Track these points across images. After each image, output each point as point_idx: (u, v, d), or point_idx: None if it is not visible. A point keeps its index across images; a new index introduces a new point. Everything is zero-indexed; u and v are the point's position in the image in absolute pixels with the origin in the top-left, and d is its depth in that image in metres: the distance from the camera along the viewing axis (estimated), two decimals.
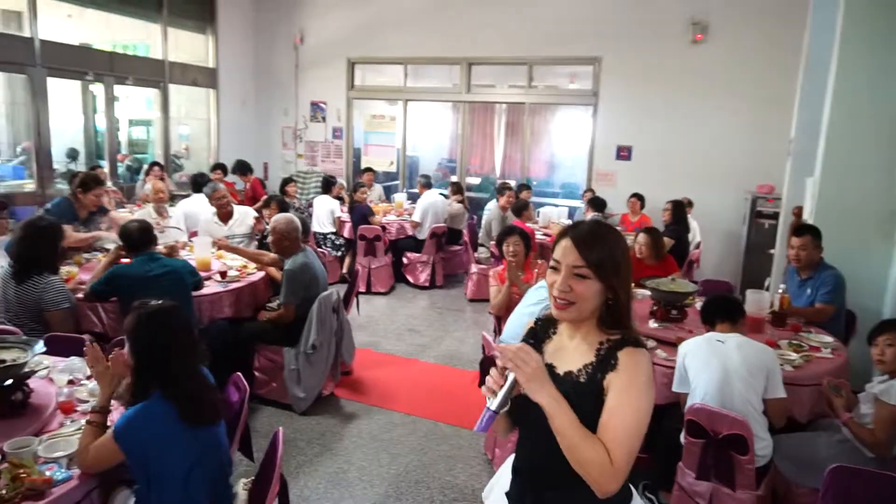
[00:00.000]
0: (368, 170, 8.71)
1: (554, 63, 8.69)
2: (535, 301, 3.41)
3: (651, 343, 3.43)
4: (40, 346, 2.46)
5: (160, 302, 2.22)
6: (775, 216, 6.51)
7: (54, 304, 3.29)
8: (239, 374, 2.70)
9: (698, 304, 3.59)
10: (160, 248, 4.03)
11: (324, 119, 9.85)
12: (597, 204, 6.82)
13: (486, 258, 7.00)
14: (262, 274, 4.61)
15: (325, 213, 7.45)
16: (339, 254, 7.47)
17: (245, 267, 4.66)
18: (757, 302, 3.69)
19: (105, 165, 7.83)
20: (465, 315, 6.56)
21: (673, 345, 3.24)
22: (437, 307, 6.79)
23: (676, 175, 7.80)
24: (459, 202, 7.99)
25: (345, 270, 7.43)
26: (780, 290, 3.97)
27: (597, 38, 8.02)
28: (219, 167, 8.02)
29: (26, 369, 2.39)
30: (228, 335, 4.06)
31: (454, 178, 9.44)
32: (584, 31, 8.07)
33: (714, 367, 2.75)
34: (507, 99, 9.85)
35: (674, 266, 4.79)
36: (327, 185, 7.79)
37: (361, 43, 9.33)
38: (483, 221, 7.45)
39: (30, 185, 7.22)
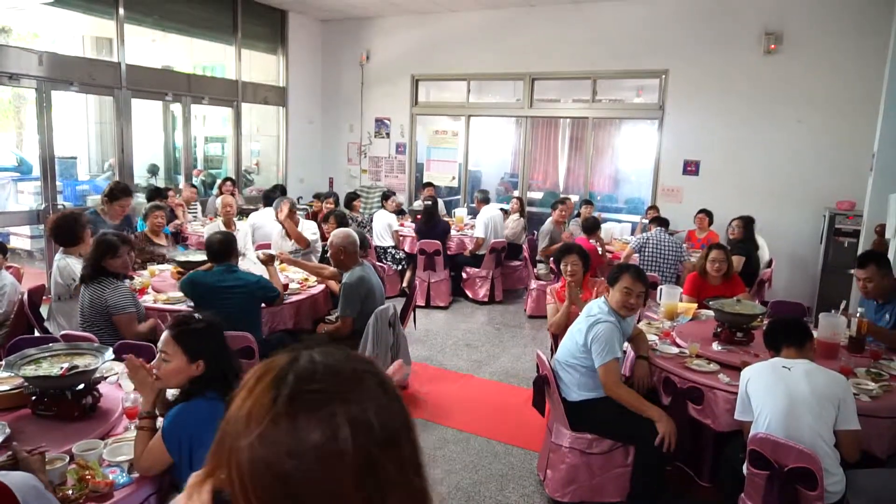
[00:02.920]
0: (429, 184, 8.80)
1: (619, 77, 8.53)
2: (583, 317, 3.34)
3: (714, 366, 3.29)
4: (110, 353, 2.61)
5: (203, 315, 2.36)
6: (856, 234, 6.16)
7: (119, 307, 3.49)
8: None
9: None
10: (260, 254, 4.37)
11: (387, 135, 10.03)
12: (660, 221, 6.56)
13: (545, 274, 6.91)
14: (322, 287, 4.73)
15: (384, 227, 7.57)
16: (400, 267, 7.56)
17: (306, 280, 4.80)
18: (831, 326, 3.48)
19: (181, 180, 8.25)
20: (524, 331, 6.49)
21: (737, 369, 3.10)
22: (496, 323, 6.75)
23: (747, 191, 7.47)
24: (519, 217, 7.94)
25: (405, 284, 7.51)
26: (858, 314, 3.72)
27: (663, 51, 7.84)
28: (277, 188, 8.24)
29: (97, 375, 2.54)
30: (288, 347, 4.17)
31: (516, 193, 9.41)
32: (649, 44, 7.90)
33: (779, 395, 2.60)
34: (570, 113, 9.74)
35: (740, 286, 4.57)
36: (384, 199, 7.93)
37: (425, 60, 9.48)
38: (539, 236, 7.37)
39: None
